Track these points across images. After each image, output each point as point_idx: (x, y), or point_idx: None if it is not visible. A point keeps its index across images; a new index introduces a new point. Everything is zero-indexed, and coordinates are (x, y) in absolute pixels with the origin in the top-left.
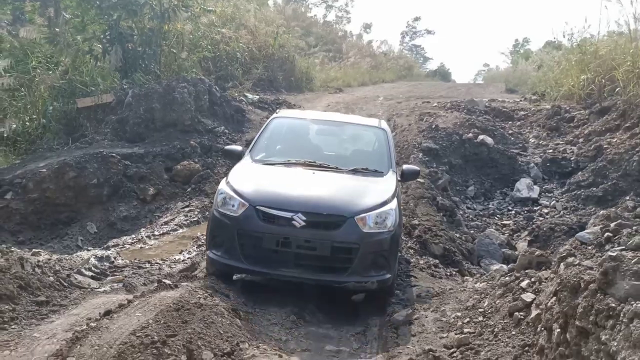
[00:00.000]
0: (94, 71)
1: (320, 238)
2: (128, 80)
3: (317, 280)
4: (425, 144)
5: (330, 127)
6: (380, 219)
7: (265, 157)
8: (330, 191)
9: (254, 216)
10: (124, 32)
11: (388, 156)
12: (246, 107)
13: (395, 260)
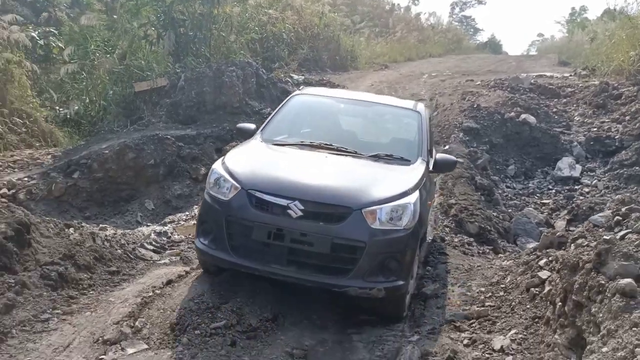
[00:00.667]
0: (149, 56)
1: (318, 232)
2: (180, 64)
3: (312, 282)
4: (466, 123)
5: (356, 107)
6: (395, 213)
7: (276, 136)
8: (339, 178)
9: (245, 202)
10: (177, 17)
11: (419, 143)
12: (291, 89)
13: (411, 266)
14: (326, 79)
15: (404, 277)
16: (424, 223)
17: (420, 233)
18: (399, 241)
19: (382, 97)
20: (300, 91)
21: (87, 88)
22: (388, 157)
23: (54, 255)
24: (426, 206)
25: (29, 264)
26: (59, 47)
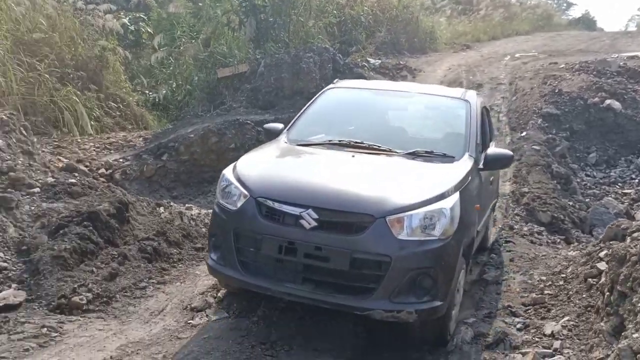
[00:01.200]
0: (232, 42)
1: (335, 245)
2: (261, 50)
3: (330, 303)
4: (545, 109)
5: (395, 98)
6: (428, 221)
7: (303, 136)
8: (362, 181)
9: (254, 211)
10: (257, 4)
11: (466, 136)
12: (367, 74)
13: (451, 282)
14: (403, 63)
15: (442, 296)
16: (470, 229)
17: (463, 242)
18: (434, 254)
19: (426, 86)
20: (334, 84)
21: (174, 73)
22: (428, 154)
23: (149, 231)
24: (473, 209)
25: (128, 239)
26: (148, 32)
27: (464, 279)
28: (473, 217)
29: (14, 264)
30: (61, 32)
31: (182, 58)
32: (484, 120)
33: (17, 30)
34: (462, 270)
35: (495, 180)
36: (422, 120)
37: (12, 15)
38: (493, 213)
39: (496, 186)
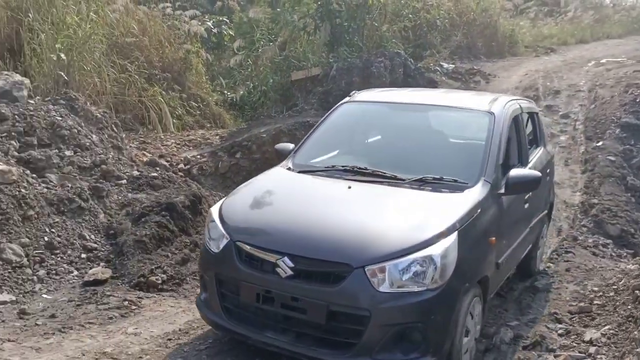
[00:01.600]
0: (306, 46)
1: (311, 296)
2: (334, 54)
3: (309, 357)
4: (625, 119)
5: (412, 113)
6: (414, 270)
7: (309, 159)
8: (346, 222)
9: (232, 255)
10: (333, 9)
11: (484, 157)
12: (439, 78)
13: (447, 335)
14: (477, 68)
15: (434, 351)
16: (478, 269)
17: (464, 288)
18: (421, 307)
19: (450, 97)
20: (350, 98)
21: (251, 75)
22: (436, 181)
23: None
24: (486, 244)
25: (199, 229)
26: (230, 35)
27: (478, 320)
28: (483, 254)
29: (103, 245)
30: (150, 36)
31: (260, 61)
32: (520, 131)
33: (112, 34)
34: (466, 316)
35: (543, 194)
36: (438, 138)
37: (108, 21)
38: (543, 230)
39: (544, 199)
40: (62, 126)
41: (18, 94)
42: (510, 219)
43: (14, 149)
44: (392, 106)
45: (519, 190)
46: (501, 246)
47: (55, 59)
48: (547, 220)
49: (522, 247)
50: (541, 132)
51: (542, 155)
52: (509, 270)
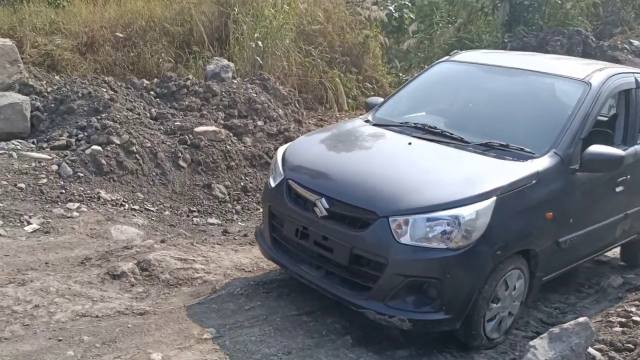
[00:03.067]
0: (481, 27)
1: (339, 237)
2: (510, 34)
3: (332, 294)
4: None
5: (505, 77)
6: (437, 227)
7: (388, 115)
8: (386, 173)
9: (283, 191)
10: None
11: (563, 129)
12: (624, 57)
13: (464, 298)
14: None
15: (449, 310)
16: (521, 240)
17: (491, 256)
18: (439, 264)
19: (553, 63)
20: (449, 57)
21: (427, 57)
22: (503, 147)
23: None
24: (540, 217)
25: None
26: (411, 18)
27: (517, 294)
28: (531, 227)
29: None
30: (334, 23)
31: (437, 42)
32: (629, 108)
33: (300, 23)
34: (496, 284)
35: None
36: (523, 105)
37: (297, 11)
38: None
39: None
40: (256, 101)
41: (225, 75)
42: (587, 199)
43: (221, 118)
44: (487, 69)
45: (596, 168)
46: (566, 224)
47: (254, 46)
48: None
49: (610, 234)
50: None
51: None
52: (584, 254)
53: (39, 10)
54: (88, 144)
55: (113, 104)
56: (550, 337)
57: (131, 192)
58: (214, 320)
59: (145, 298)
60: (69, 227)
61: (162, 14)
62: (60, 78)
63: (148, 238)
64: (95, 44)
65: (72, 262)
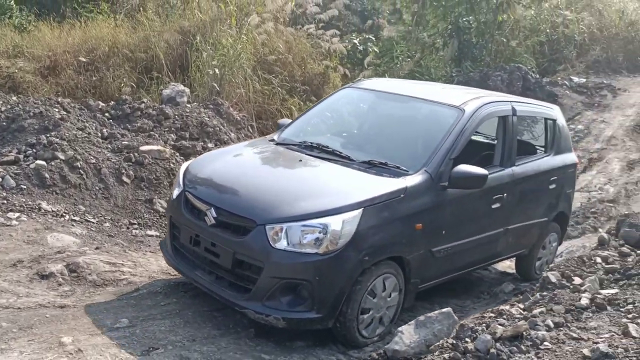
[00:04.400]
0: (430, 62)
1: (224, 244)
2: (458, 69)
3: (220, 297)
4: None
5: (395, 103)
6: (312, 234)
7: (291, 135)
8: (270, 185)
9: (181, 202)
10: (462, 26)
11: (435, 150)
12: (561, 92)
13: (336, 297)
14: (607, 82)
15: (320, 309)
16: (378, 250)
17: (358, 261)
18: (309, 267)
19: (437, 90)
20: (352, 84)
21: None
22: (382, 165)
23: None
24: (401, 229)
25: None
26: (374, 51)
27: (393, 299)
28: (400, 236)
29: None
30: (295, 54)
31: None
32: (506, 133)
33: (261, 52)
34: (366, 286)
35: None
36: (407, 128)
37: (256, 41)
38: (547, 240)
39: (546, 206)
40: (208, 125)
41: (180, 100)
42: (461, 213)
43: (172, 140)
44: (382, 95)
45: (462, 185)
46: (438, 235)
47: (212, 73)
48: (555, 231)
49: (491, 247)
50: (557, 139)
51: (547, 162)
52: (464, 264)
53: (3, 34)
54: (35, 159)
55: (63, 123)
56: (416, 323)
57: (73, 204)
58: (129, 313)
59: (70, 296)
60: (7, 234)
61: (125, 40)
62: (18, 99)
63: (84, 246)
64: (57, 67)
65: (5, 264)
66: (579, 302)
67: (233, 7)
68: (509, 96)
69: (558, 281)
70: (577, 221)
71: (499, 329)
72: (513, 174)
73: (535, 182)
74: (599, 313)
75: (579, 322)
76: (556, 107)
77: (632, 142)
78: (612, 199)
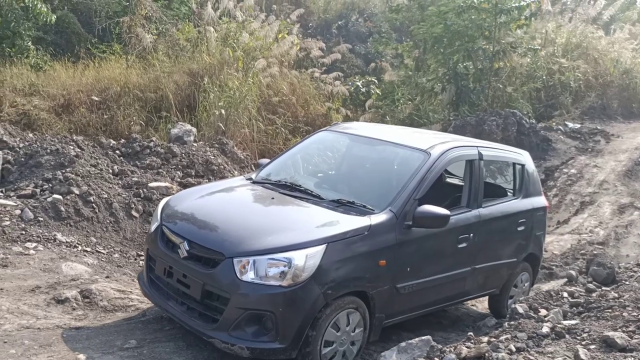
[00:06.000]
0: (429, 106)
1: (195, 275)
2: (456, 113)
3: (190, 327)
4: None
5: (367, 147)
6: (276, 267)
7: (268, 174)
8: (240, 221)
9: (158, 235)
10: (460, 72)
11: (400, 190)
12: (555, 137)
13: (299, 328)
14: (601, 128)
15: (283, 340)
16: (340, 284)
17: (321, 294)
18: (273, 299)
19: (407, 135)
20: (329, 127)
21: None
22: (349, 204)
23: None
24: (372, 264)
25: None
26: (377, 94)
27: (357, 334)
28: (363, 272)
29: None
30: (299, 96)
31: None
32: (473, 176)
33: (265, 94)
34: (329, 319)
35: (513, 241)
36: (376, 169)
37: (261, 84)
38: (519, 279)
39: (515, 247)
40: (213, 163)
41: (187, 139)
42: (426, 252)
43: (178, 177)
44: (354, 138)
45: (425, 224)
46: (402, 272)
47: (218, 114)
48: (527, 271)
49: (458, 285)
50: (525, 183)
51: (515, 204)
52: (431, 301)
53: (20, 73)
54: (51, 194)
55: (78, 159)
56: (398, 349)
57: (85, 236)
58: (137, 335)
59: (83, 319)
60: (25, 262)
61: (137, 81)
62: (34, 135)
63: (95, 274)
64: (71, 105)
65: (24, 290)
66: (540, 330)
67: (240, 52)
68: (476, 141)
69: (525, 312)
70: (566, 262)
71: (464, 350)
72: (479, 215)
73: (502, 224)
74: (557, 340)
75: (539, 347)
76: (525, 153)
77: (624, 187)
78: (602, 241)
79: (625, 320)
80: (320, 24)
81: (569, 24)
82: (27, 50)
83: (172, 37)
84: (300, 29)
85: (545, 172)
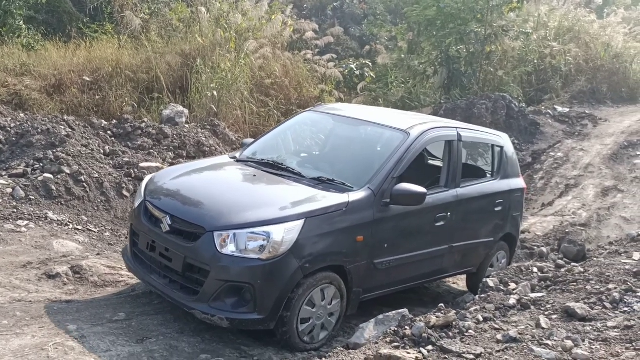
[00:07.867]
0: (421, 90)
1: (176, 249)
2: (447, 96)
3: (171, 299)
4: None
5: (349, 127)
6: (256, 241)
7: (252, 153)
8: (221, 196)
9: (141, 211)
10: (452, 56)
11: (379, 168)
12: (544, 121)
13: (276, 300)
14: (589, 112)
15: (262, 311)
16: (317, 258)
17: (299, 268)
18: (251, 271)
19: (387, 115)
20: (312, 108)
21: None
22: (329, 181)
23: None
24: (342, 240)
25: None
26: (371, 77)
27: (334, 305)
28: (340, 246)
29: None
30: (291, 78)
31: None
32: (451, 156)
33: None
34: (306, 291)
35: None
36: (357, 149)
37: (253, 65)
38: (495, 259)
39: (493, 227)
40: (205, 144)
41: (179, 120)
42: (403, 229)
43: (170, 158)
44: (338, 118)
45: (402, 202)
46: (380, 248)
47: (210, 95)
48: (504, 250)
49: (435, 263)
50: (503, 165)
51: (492, 185)
52: (409, 277)
53: (12, 53)
54: (42, 173)
55: (69, 139)
56: (376, 321)
57: (77, 215)
58: (126, 309)
59: (74, 293)
60: (17, 239)
61: (128, 61)
62: (25, 115)
63: (86, 252)
64: (62, 86)
65: (16, 265)
66: (507, 302)
67: (232, 33)
68: (456, 123)
69: (495, 286)
70: (547, 242)
71: (433, 319)
72: (457, 195)
73: (480, 204)
74: (522, 311)
75: (504, 317)
76: (505, 136)
77: (608, 170)
78: (584, 223)
79: (587, 293)
80: (315, 5)
81: (562, 7)
82: (18, 30)
83: (164, 17)
84: (295, 10)
85: (532, 155)
